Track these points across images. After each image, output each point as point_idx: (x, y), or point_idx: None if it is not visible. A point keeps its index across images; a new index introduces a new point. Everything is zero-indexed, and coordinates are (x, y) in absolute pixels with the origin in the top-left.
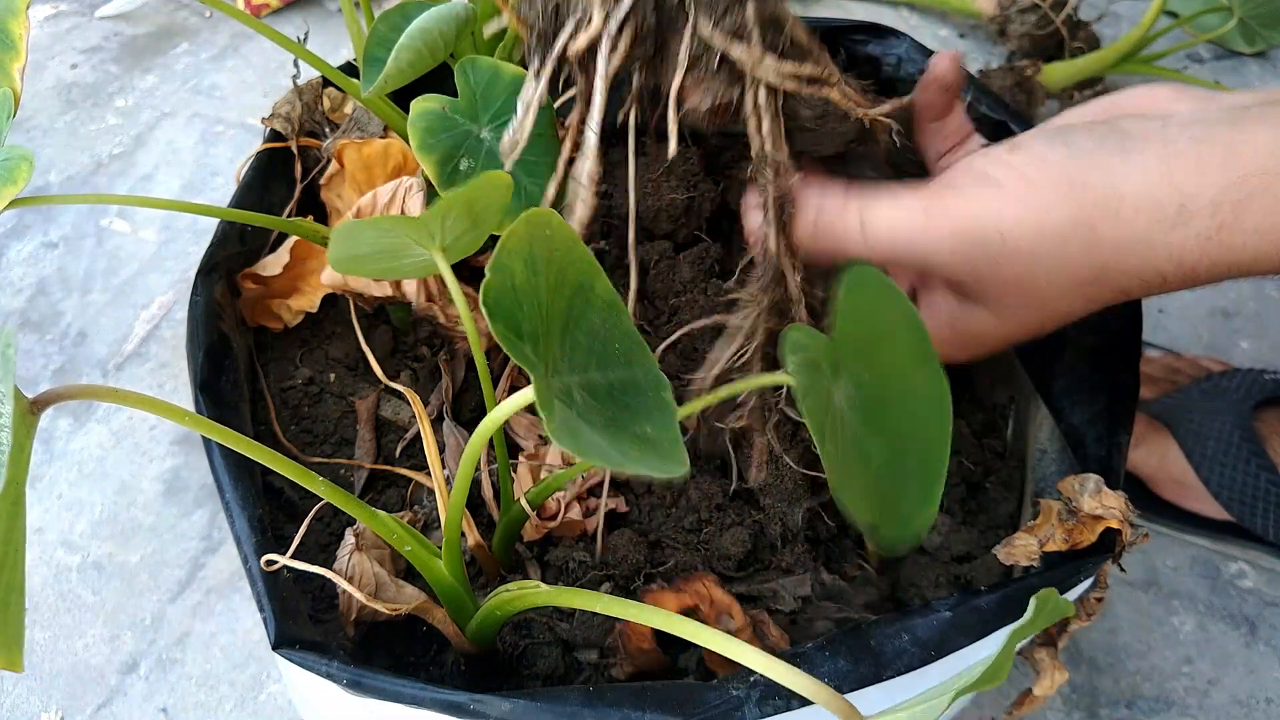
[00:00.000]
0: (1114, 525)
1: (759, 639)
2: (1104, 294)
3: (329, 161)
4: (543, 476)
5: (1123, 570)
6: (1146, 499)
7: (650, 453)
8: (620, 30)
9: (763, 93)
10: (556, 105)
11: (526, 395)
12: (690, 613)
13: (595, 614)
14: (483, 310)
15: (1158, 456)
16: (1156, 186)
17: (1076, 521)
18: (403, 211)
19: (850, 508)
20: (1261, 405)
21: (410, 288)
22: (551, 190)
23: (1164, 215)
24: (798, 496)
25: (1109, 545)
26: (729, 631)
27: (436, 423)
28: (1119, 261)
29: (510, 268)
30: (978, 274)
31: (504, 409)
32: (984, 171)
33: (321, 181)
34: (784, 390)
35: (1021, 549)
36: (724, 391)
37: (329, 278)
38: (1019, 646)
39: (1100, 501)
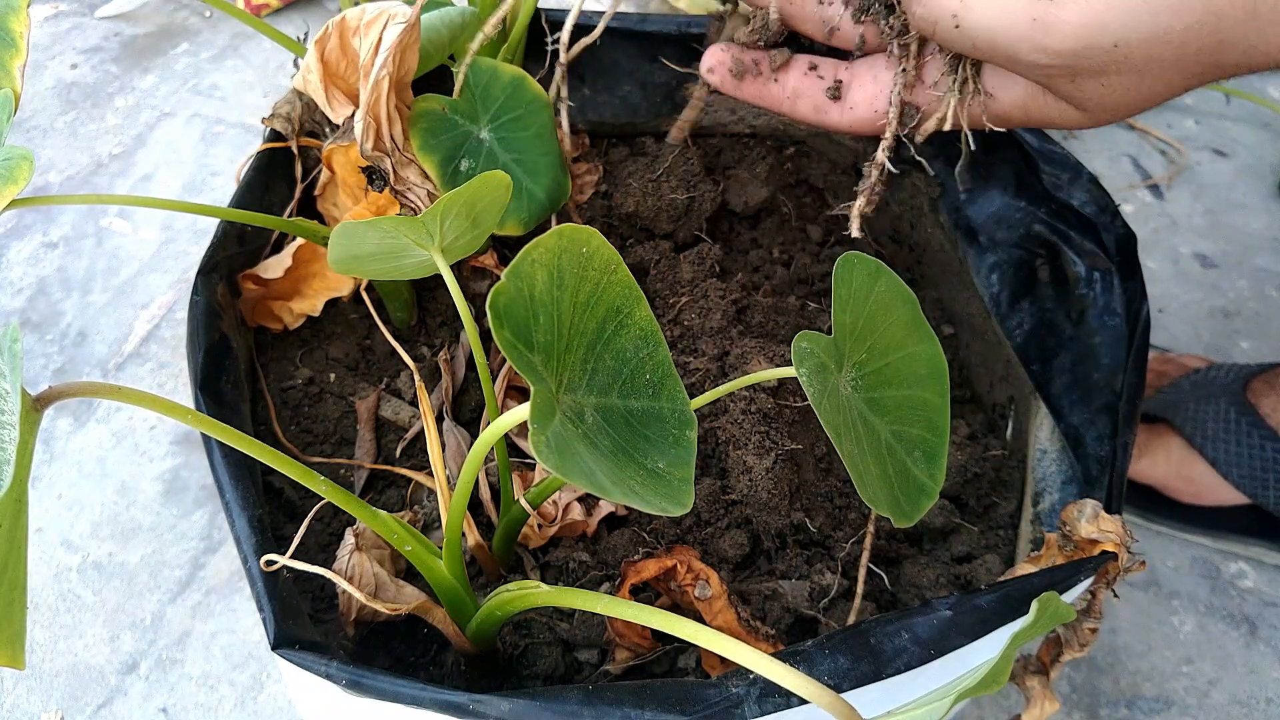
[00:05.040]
0: (1110, 549)
1: (751, 635)
2: (1214, 75)
3: (320, 170)
4: (543, 476)
5: (1116, 596)
6: (1160, 508)
7: (655, 487)
8: None
9: None
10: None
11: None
12: (670, 573)
13: (595, 614)
14: (489, 314)
15: (1162, 460)
16: None
17: (1074, 549)
18: (380, 41)
19: (872, 502)
20: (1250, 379)
21: (358, 129)
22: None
23: None
24: (774, 505)
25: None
26: (705, 598)
27: (437, 422)
28: (1245, 60)
29: (531, 276)
30: (1079, 80)
31: (506, 420)
32: None
33: (316, 193)
34: (759, 397)
35: None
36: (730, 386)
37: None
38: (1017, 656)
39: (1098, 526)
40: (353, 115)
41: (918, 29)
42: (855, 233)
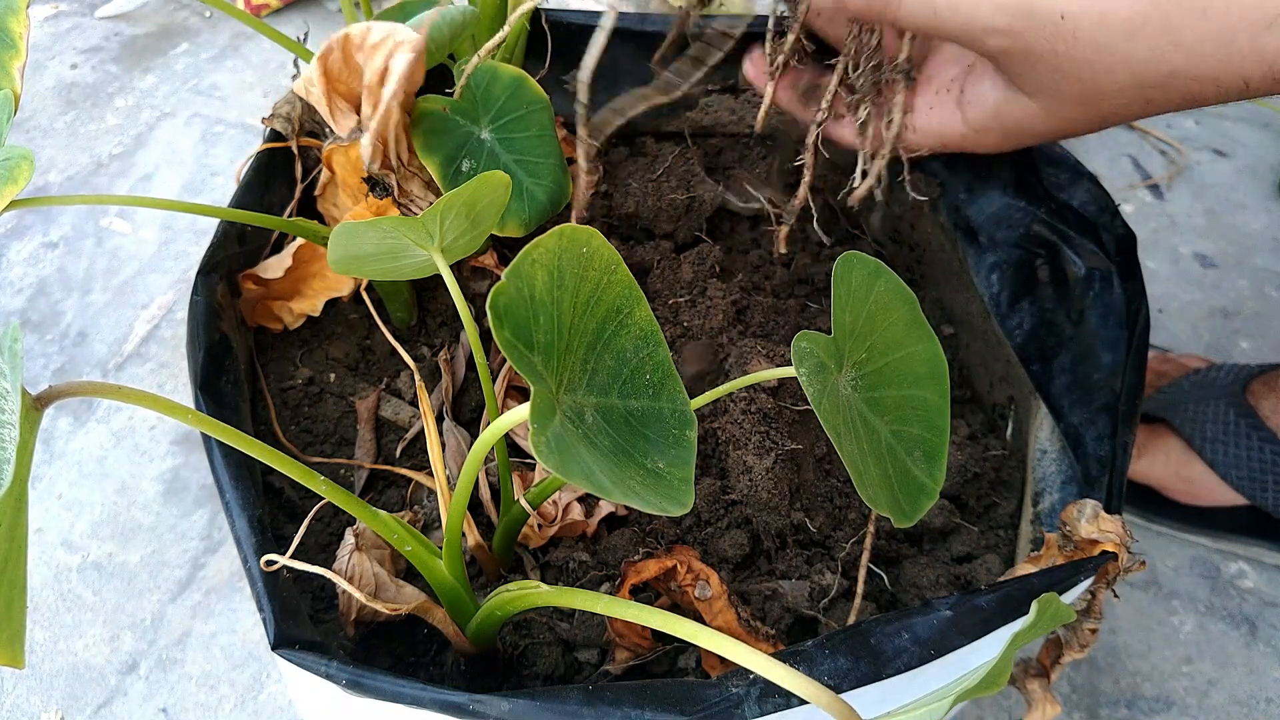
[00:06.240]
0: (1110, 549)
1: (751, 635)
2: (1170, 99)
3: (320, 170)
4: (543, 476)
5: (1116, 596)
6: (1160, 508)
7: (655, 487)
8: None
9: None
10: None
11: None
12: (670, 573)
13: (595, 614)
14: (489, 314)
15: (1161, 461)
16: None
17: (1074, 549)
18: (386, 69)
19: (872, 502)
20: (1249, 380)
21: (366, 151)
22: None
23: (1261, 14)
24: (774, 505)
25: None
26: (705, 598)
27: (437, 422)
28: (1194, 65)
29: (531, 277)
30: (1031, 57)
31: (506, 420)
32: None
33: (316, 193)
34: (759, 397)
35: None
36: (730, 386)
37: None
38: (1017, 659)
39: (1098, 526)
40: (357, 127)
41: (868, 15)
42: (782, 249)
